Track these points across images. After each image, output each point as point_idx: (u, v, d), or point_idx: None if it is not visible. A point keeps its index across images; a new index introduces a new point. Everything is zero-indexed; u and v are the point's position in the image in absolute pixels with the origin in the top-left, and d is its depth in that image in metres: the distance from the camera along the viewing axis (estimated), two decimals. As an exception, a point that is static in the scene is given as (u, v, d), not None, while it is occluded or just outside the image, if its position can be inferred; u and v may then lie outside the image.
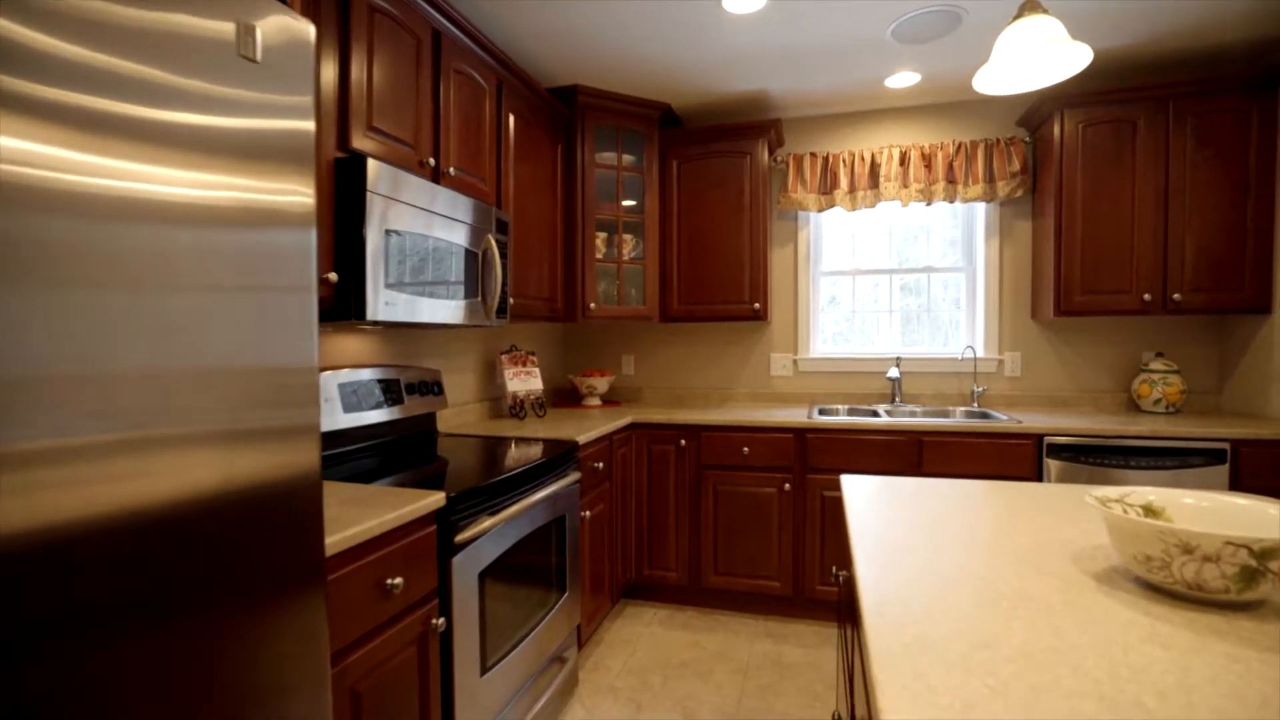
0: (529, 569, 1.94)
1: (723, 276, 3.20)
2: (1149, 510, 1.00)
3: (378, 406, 2.11)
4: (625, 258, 3.23)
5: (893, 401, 3.23)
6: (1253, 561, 0.80)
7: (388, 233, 1.68)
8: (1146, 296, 2.68)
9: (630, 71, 2.89)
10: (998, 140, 3.03)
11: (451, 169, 2.04)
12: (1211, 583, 0.82)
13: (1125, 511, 1.00)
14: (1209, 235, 2.64)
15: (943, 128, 3.22)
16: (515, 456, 2.03)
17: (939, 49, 2.63)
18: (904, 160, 3.14)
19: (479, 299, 2.15)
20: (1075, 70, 1.18)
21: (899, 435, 2.68)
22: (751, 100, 3.21)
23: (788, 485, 2.80)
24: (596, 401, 3.45)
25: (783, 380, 3.48)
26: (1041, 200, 2.97)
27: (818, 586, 2.79)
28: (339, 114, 1.62)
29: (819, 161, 3.27)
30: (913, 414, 3.10)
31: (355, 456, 1.98)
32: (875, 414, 3.09)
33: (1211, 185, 2.63)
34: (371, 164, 1.61)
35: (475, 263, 2.12)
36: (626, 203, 3.27)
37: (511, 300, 2.49)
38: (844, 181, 3.21)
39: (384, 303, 1.68)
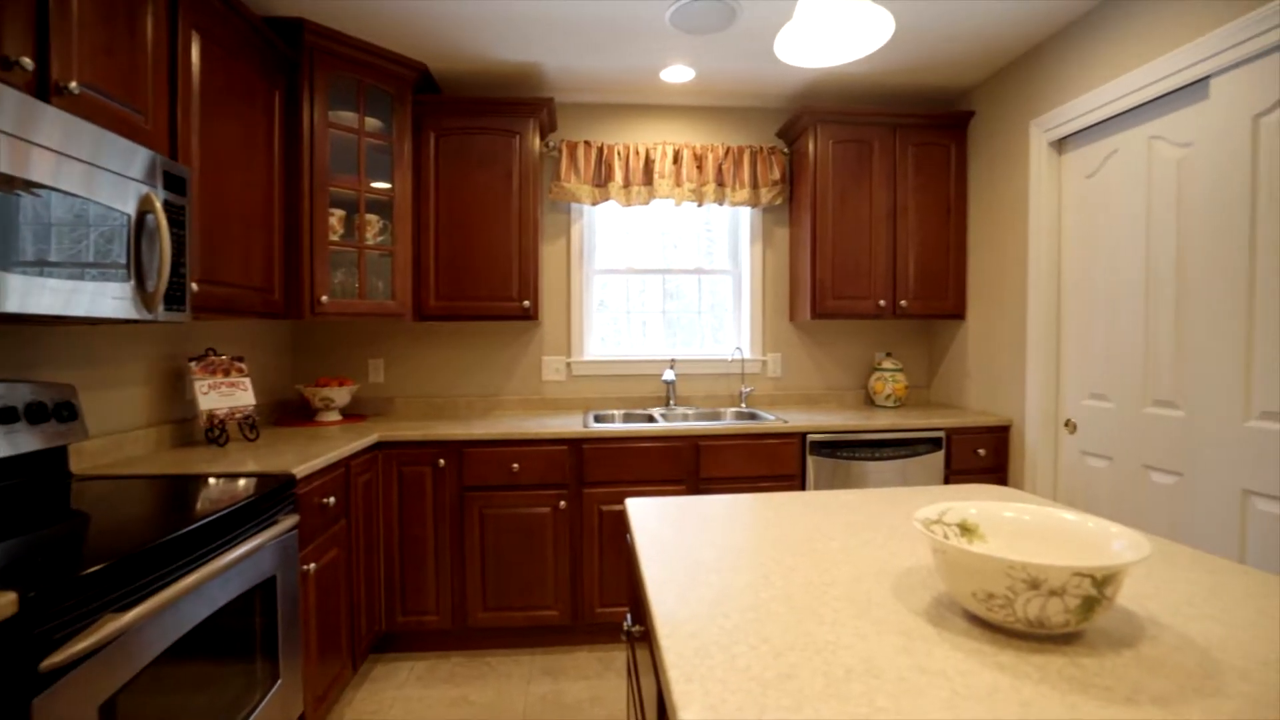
0: (214, 662, 1.37)
1: (489, 270, 2.82)
2: (966, 529, 0.91)
3: (-63, 444, 1.34)
4: (369, 243, 2.67)
5: (667, 405, 3.17)
6: (1094, 591, 0.70)
7: (-80, 162, 1.01)
8: (881, 302, 2.97)
9: (378, 15, 2.37)
10: (761, 148, 3.14)
11: (74, 84, 1.37)
12: (1054, 618, 0.72)
13: (946, 536, 0.89)
14: (925, 250, 3.01)
15: (714, 130, 3.25)
16: (195, 505, 1.44)
17: (713, 45, 2.59)
18: (677, 159, 3.09)
19: (136, 282, 1.50)
20: (878, 43, 1.10)
21: (677, 441, 2.59)
22: (523, 74, 2.89)
23: (563, 503, 2.54)
24: (335, 416, 2.82)
25: (555, 385, 3.22)
26: (797, 209, 3.14)
27: (598, 609, 2.57)
28: None
29: (594, 151, 3.07)
30: (686, 417, 3.07)
31: (-124, 530, 1.21)
32: (651, 418, 2.98)
33: (926, 207, 3.01)
34: None
35: (128, 231, 1.47)
36: (378, 184, 2.71)
37: (195, 287, 1.83)
38: (619, 175, 3.06)
39: (-90, 278, 1.00)
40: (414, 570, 2.51)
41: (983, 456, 2.75)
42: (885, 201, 2.97)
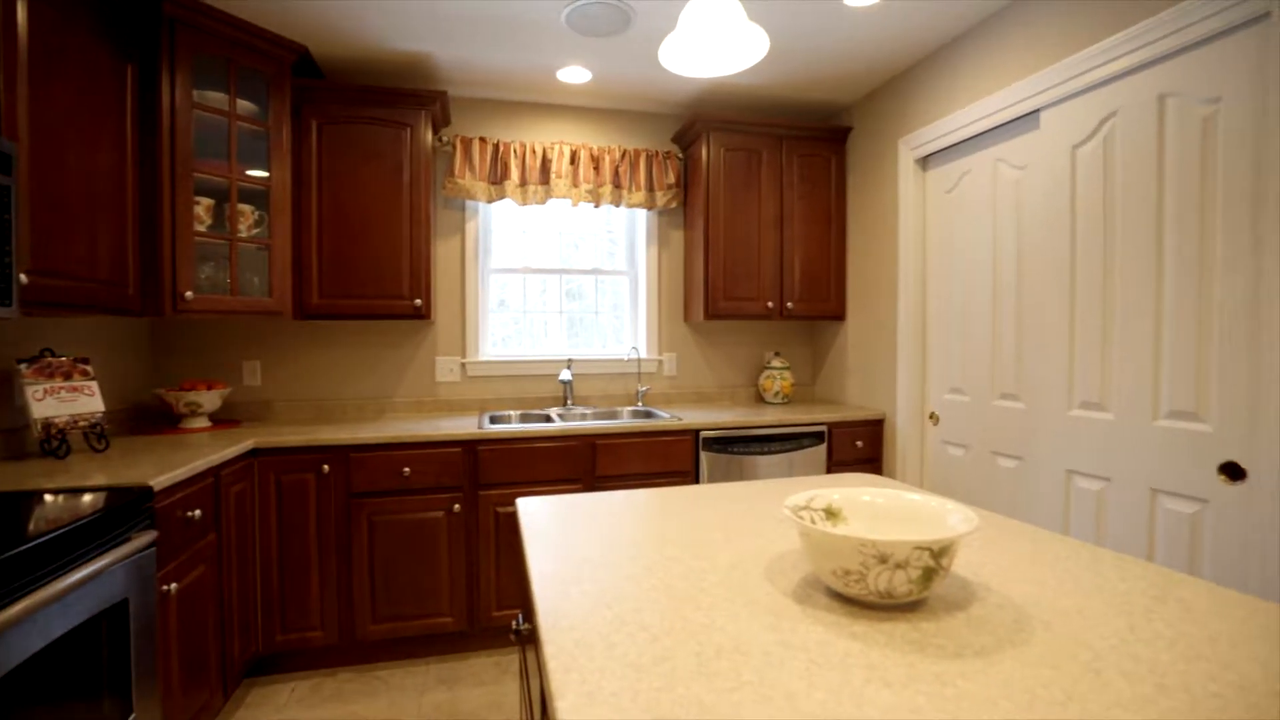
0: (50, 703, 1.23)
1: (377, 267, 2.71)
2: (830, 512, 0.99)
3: None
4: (243, 235, 2.48)
5: (565, 404, 3.17)
6: (932, 561, 0.79)
7: None
8: (770, 304, 3.13)
9: (243, -11, 2.20)
10: (657, 152, 3.22)
11: None
12: (900, 589, 0.80)
13: (813, 520, 0.97)
14: (809, 255, 3.20)
15: (611, 133, 3.29)
16: (25, 525, 1.28)
17: (609, 49, 2.63)
18: (574, 159, 3.10)
19: (-54, 273, 1.31)
20: (754, 59, 1.17)
21: (573, 440, 2.60)
22: (414, 64, 2.79)
23: (457, 506, 2.48)
24: (203, 423, 2.60)
25: (450, 386, 3.14)
26: (691, 213, 3.24)
27: (494, 613, 2.53)
28: None
29: (489, 148, 3.02)
30: (584, 416, 3.09)
31: None
32: (548, 419, 2.98)
33: (810, 215, 3.20)
34: None
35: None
36: (253, 172, 2.52)
37: (25, 279, 1.62)
38: (515, 173, 3.03)
39: None
40: (296, 584, 2.36)
41: (860, 448, 2.97)
42: (773, 208, 3.13)
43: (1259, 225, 1.54)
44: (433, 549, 2.47)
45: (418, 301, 2.73)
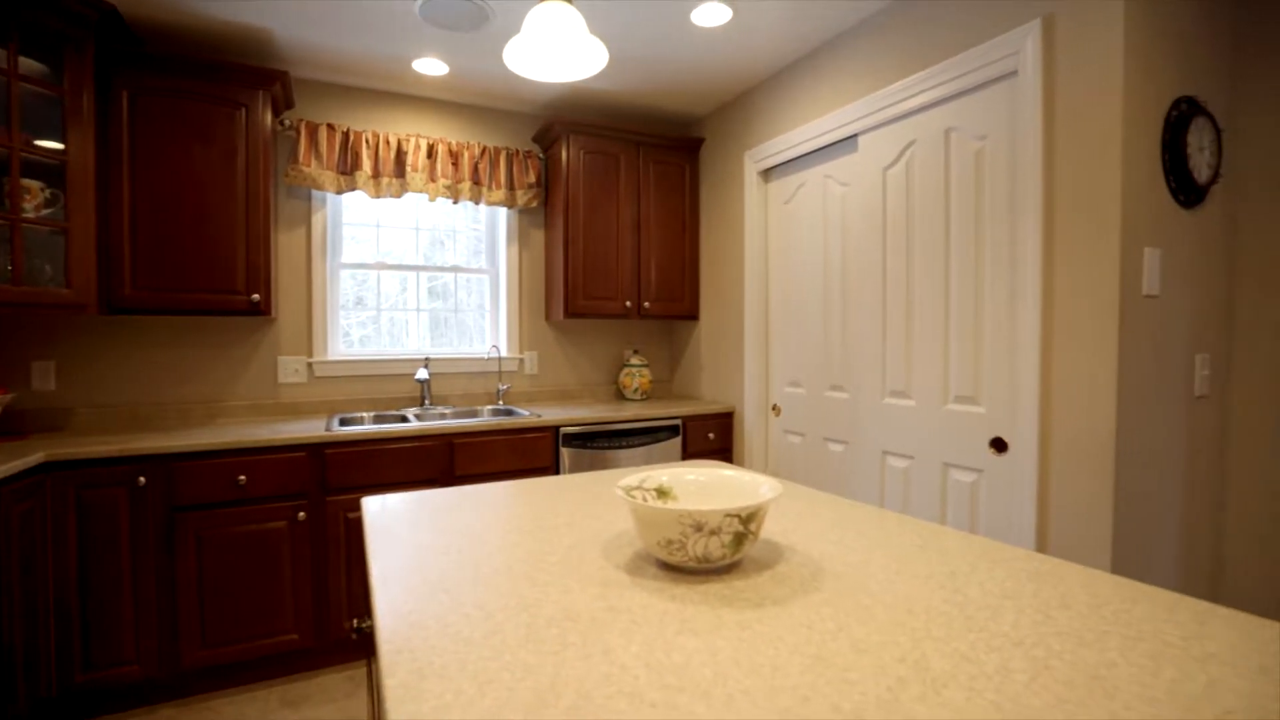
0: None
1: (207, 257, 2.47)
2: (661, 492, 1.08)
3: None
4: (30, 214, 2.16)
5: (423, 404, 3.08)
6: (742, 527, 0.90)
7: None
8: (628, 303, 3.25)
9: (29, -65, 1.92)
10: (518, 151, 3.22)
11: None
12: (715, 553, 0.90)
13: (645, 499, 1.05)
14: (665, 258, 3.36)
15: (470, 129, 3.24)
16: None
17: (467, 44, 2.59)
18: (432, 153, 3.02)
19: None
20: (593, 70, 1.24)
21: (430, 440, 2.54)
22: (250, 39, 2.57)
23: (303, 514, 2.33)
24: (-24, 434, 2.22)
25: (295, 388, 2.93)
26: (552, 213, 3.28)
27: (346, 625, 2.41)
28: None
29: (339, 136, 2.86)
30: (443, 416, 3.02)
31: None
32: (405, 419, 2.88)
33: (666, 219, 3.36)
34: None
35: None
36: (43, 142, 2.19)
37: None
38: (367, 164, 2.89)
39: None
40: (103, 613, 2.10)
41: (712, 439, 3.17)
42: (630, 212, 3.25)
43: (1015, 241, 1.87)
44: (274, 561, 2.30)
45: (255, 296, 2.53)
